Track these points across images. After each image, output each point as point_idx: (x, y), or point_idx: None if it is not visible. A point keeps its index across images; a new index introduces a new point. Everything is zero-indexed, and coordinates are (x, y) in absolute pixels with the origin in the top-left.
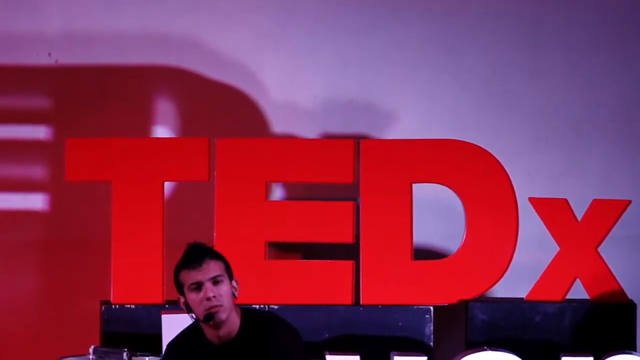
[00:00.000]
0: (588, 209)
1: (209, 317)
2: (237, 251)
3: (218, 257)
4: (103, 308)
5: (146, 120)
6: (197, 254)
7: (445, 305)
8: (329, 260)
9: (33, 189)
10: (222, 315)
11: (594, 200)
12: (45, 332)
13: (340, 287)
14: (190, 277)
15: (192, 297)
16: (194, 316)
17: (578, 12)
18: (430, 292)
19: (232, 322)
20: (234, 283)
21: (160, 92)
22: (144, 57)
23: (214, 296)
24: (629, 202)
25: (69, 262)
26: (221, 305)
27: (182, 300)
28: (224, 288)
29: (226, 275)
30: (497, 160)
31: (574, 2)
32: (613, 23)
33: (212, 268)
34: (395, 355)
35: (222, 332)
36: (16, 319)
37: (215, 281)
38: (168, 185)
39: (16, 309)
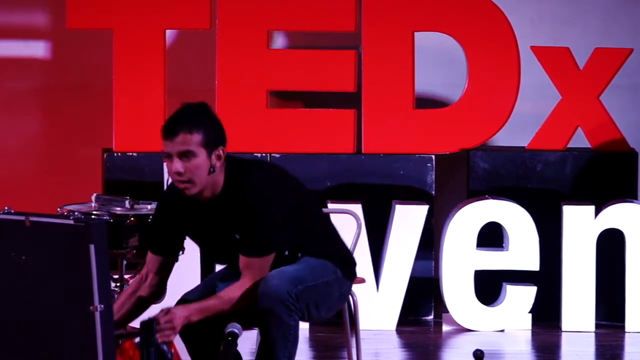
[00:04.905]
0: (590, 57)
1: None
2: (239, 100)
3: (198, 127)
4: (105, 156)
5: None
6: (174, 123)
7: (446, 154)
8: (330, 109)
9: (35, 36)
10: (191, 191)
11: (596, 48)
12: (47, 179)
13: (342, 136)
14: (164, 145)
15: (166, 164)
16: None
17: None
18: (432, 141)
19: (213, 185)
20: (218, 152)
21: None
22: None
23: (182, 172)
24: (631, 50)
25: (70, 110)
26: (189, 182)
27: None
28: (196, 163)
29: (203, 149)
30: (499, 8)
31: None
32: None
33: (184, 141)
34: (397, 203)
35: (205, 194)
36: (18, 166)
37: (184, 156)
38: (170, 33)
39: (18, 156)
